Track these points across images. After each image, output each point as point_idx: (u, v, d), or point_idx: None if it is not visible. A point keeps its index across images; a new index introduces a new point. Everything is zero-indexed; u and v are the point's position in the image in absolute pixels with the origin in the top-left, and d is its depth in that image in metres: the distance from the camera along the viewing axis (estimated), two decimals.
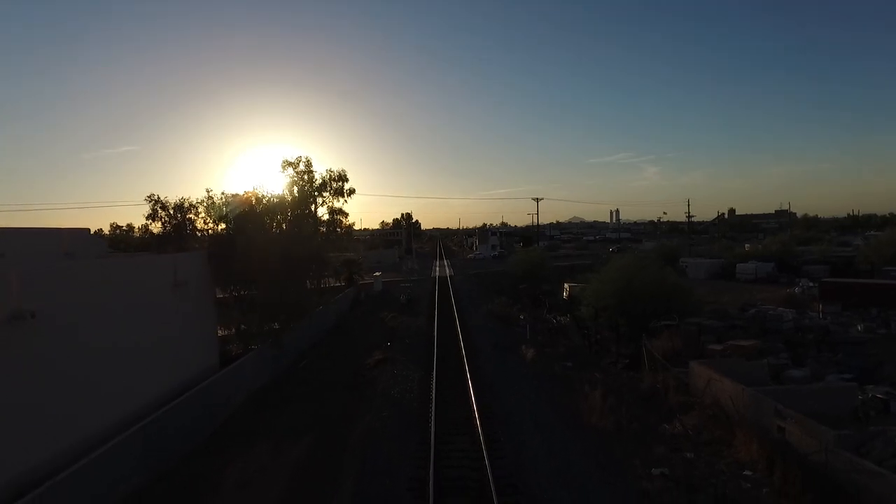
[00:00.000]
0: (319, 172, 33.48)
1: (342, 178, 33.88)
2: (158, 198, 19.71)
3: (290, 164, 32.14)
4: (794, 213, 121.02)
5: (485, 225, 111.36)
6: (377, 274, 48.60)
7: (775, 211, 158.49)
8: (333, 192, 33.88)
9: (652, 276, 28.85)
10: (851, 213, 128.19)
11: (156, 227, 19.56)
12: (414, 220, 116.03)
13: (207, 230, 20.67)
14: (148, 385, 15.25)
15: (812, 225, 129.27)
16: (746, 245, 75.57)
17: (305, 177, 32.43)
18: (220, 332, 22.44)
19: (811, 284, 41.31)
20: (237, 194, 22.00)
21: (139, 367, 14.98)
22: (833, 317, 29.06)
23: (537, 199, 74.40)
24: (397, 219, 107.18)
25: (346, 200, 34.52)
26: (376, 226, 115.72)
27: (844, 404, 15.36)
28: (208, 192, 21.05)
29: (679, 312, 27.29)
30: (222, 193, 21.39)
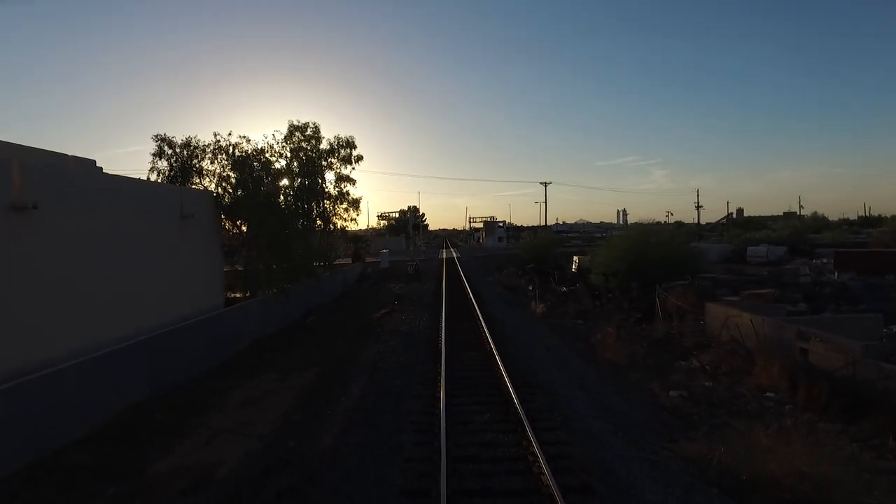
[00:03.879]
0: (327, 139, 33.26)
1: (350, 144, 33.58)
2: (165, 135, 19.50)
3: (297, 128, 31.87)
4: (803, 216, 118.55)
5: (493, 217, 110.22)
6: (384, 251, 48.27)
7: (784, 213, 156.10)
8: (341, 159, 33.62)
9: (663, 241, 28.42)
10: (864, 213, 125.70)
11: (161, 165, 19.32)
12: (420, 213, 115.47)
13: (214, 172, 20.42)
14: (150, 310, 14.94)
15: (821, 220, 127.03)
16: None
17: (313, 142, 32.17)
18: (227, 295, 22.27)
19: (825, 261, 40.57)
20: (245, 137, 21.76)
21: (143, 289, 14.69)
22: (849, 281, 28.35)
23: (545, 183, 73.92)
24: (403, 210, 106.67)
25: (353, 168, 34.28)
26: (384, 215, 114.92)
27: (870, 336, 14.81)
28: (216, 135, 20.83)
29: (691, 275, 26.74)
30: (229, 134, 21.16)
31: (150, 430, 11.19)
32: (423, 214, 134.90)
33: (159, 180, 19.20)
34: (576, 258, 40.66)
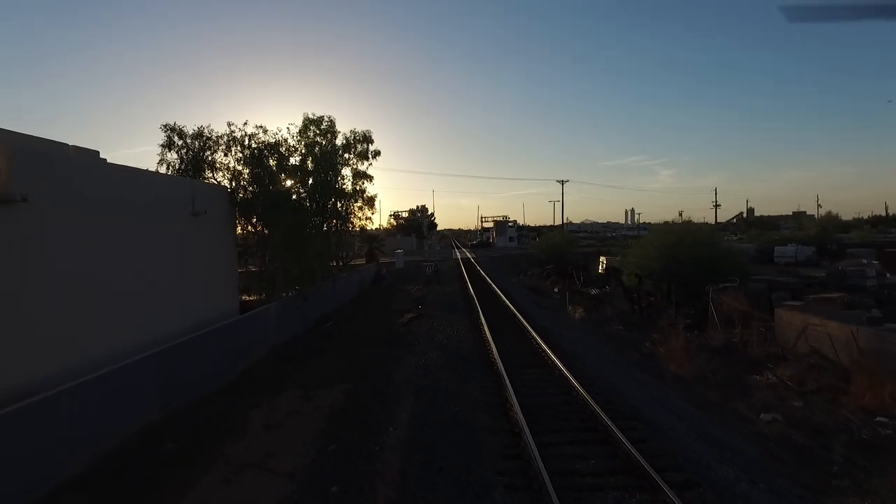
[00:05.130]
0: (343, 133, 31.59)
1: (367, 139, 31.85)
2: (175, 125, 17.73)
3: (312, 121, 30.14)
4: (813, 216, 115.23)
5: (505, 217, 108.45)
6: (399, 251, 46.55)
7: (793, 212, 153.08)
8: (357, 154, 31.94)
9: (702, 238, 26.61)
10: (884, 213, 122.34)
11: (171, 158, 17.59)
12: (430, 212, 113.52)
13: (228, 166, 18.67)
14: (161, 316, 13.23)
15: (835, 219, 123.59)
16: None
17: (328, 136, 30.50)
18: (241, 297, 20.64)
19: (864, 261, 38.55)
20: (262, 127, 20.06)
21: (151, 293, 12.98)
22: None
23: (562, 182, 71.94)
24: (413, 209, 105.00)
25: (370, 164, 32.60)
26: (393, 219, 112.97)
27: None
28: (230, 125, 19.07)
29: (738, 276, 24.82)
30: (244, 123, 19.39)
31: (160, 462, 9.41)
32: (433, 214, 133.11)
33: (169, 174, 17.46)
34: (603, 259, 38.74)
